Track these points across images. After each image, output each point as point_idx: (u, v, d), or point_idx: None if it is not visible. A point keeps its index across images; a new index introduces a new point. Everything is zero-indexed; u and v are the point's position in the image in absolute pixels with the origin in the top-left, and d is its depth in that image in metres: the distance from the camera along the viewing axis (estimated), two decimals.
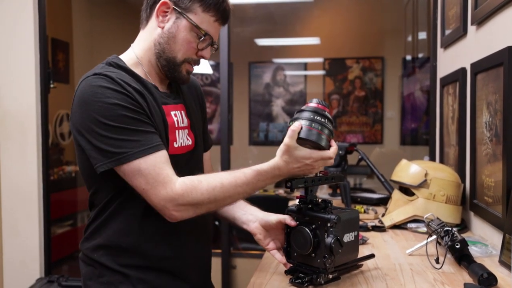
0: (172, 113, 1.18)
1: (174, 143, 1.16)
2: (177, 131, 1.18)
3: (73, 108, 1.08)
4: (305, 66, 4.87)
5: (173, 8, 1.13)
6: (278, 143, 1.09)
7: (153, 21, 1.17)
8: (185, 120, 1.23)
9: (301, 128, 1.05)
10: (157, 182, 1.02)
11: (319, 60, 4.81)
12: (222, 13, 1.16)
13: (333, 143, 1.10)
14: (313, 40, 4.85)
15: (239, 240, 3.35)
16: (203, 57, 1.19)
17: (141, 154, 1.02)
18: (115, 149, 1.02)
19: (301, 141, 1.05)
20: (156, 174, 1.02)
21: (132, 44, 1.22)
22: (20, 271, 2.59)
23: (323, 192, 2.45)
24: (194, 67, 1.21)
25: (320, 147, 1.06)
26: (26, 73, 2.56)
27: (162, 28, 1.15)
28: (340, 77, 4.68)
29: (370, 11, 4.57)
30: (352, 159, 2.17)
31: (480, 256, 1.33)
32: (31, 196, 2.57)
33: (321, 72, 4.78)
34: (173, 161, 1.10)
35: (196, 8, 1.13)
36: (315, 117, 1.06)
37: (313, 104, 1.09)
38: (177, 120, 1.19)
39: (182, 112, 1.23)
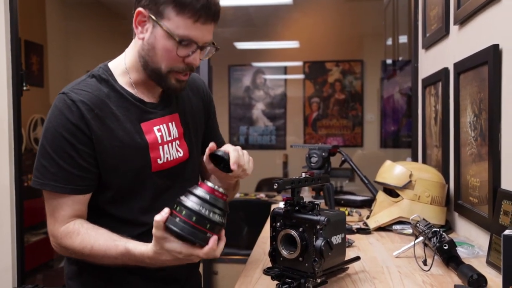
0: (155, 128, 1.15)
1: (158, 159, 1.15)
2: (161, 146, 1.15)
3: None
4: (285, 70, 4.86)
5: (149, 16, 1.05)
6: (258, 146, 1.05)
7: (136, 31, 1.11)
8: (175, 131, 1.18)
9: (177, 217, 0.93)
10: (52, 216, 1.10)
11: (299, 63, 4.80)
12: (203, 11, 1.03)
13: (212, 240, 0.94)
14: (293, 44, 4.84)
15: None
16: (191, 65, 1.10)
17: (49, 187, 1.08)
18: (36, 172, 1.09)
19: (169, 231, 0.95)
20: (54, 209, 1.10)
21: (126, 50, 1.18)
22: None
23: (305, 195, 2.41)
24: (187, 74, 1.12)
25: (192, 243, 0.95)
26: None
27: (143, 39, 1.09)
28: (320, 80, 4.68)
29: (349, 15, 4.59)
30: (334, 162, 2.15)
31: (467, 257, 1.32)
32: (2, 203, 2.46)
33: (301, 76, 4.77)
34: (161, 176, 1.15)
35: (170, 12, 1.03)
36: (200, 209, 0.93)
37: (203, 191, 0.95)
38: (161, 135, 1.15)
39: (172, 123, 1.18)
